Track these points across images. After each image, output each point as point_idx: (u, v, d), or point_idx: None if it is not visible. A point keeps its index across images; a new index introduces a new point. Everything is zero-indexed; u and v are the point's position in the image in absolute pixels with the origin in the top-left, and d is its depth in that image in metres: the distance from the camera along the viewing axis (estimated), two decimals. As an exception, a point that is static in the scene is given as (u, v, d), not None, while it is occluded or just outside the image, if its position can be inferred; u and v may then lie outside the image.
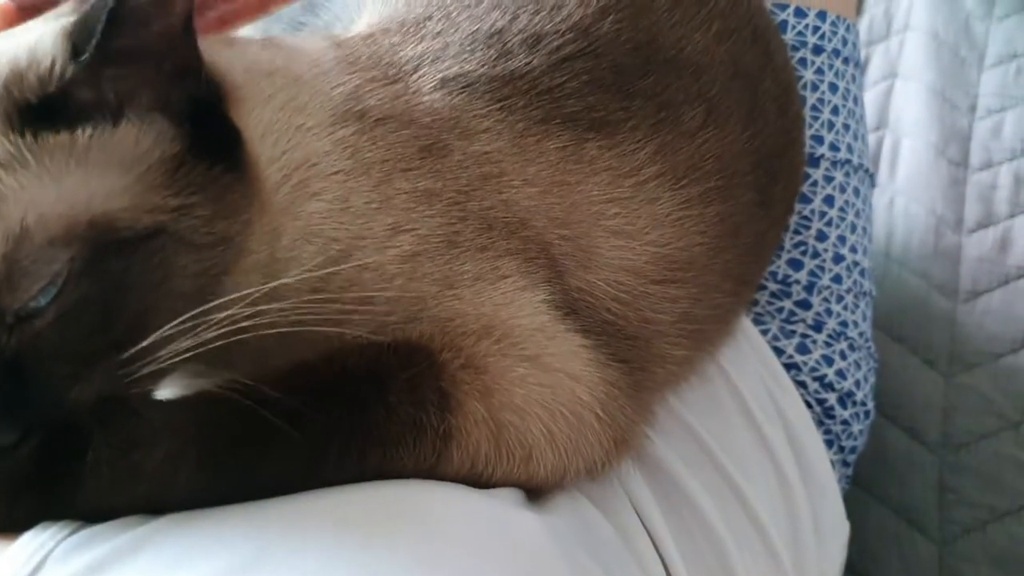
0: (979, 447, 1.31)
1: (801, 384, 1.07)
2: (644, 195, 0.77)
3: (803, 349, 1.08)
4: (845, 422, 1.11)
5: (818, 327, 1.10)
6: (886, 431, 1.35)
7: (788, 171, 0.98)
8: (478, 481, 0.64)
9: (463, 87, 0.73)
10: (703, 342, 0.87)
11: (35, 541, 0.54)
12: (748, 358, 1.00)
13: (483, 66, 0.75)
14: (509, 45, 0.77)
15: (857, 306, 1.13)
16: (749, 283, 0.98)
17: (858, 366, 1.12)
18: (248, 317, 0.59)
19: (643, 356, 0.76)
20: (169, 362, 0.57)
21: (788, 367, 1.07)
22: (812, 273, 1.10)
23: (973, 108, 1.70)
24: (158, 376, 0.58)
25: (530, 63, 0.76)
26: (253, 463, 0.59)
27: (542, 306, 0.69)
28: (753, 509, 0.87)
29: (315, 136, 0.66)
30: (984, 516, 1.25)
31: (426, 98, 0.71)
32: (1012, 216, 1.53)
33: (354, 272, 0.65)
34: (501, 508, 0.62)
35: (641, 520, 0.77)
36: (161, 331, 0.56)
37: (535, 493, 0.68)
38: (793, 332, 1.09)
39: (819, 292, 1.10)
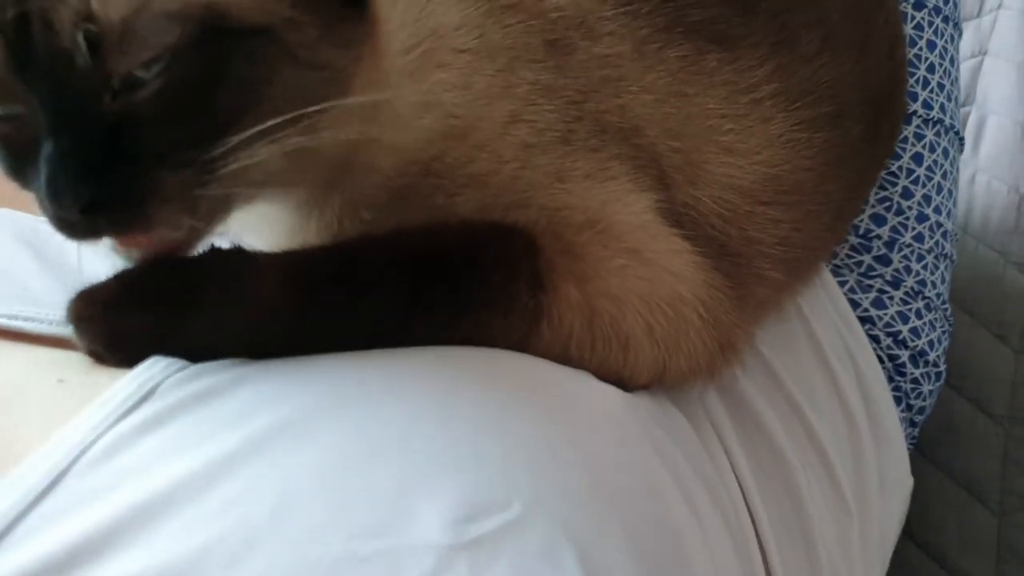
0: (1047, 423, 1.30)
1: (874, 338, 1.07)
2: (758, 113, 0.77)
3: (879, 304, 1.08)
4: (915, 380, 1.11)
5: (896, 284, 1.09)
6: (952, 401, 1.34)
7: (893, 113, 0.98)
8: (571, 364, 0.65)
9: None
10: (796, 272, 0.88)
11: (145, 374, 0.57)
12: (825, 306, 1.00)
13: None
14: None
15: (937, 267, 1.13)
16: (845, 219, 0.98)
17: (933, 327, 1.12)
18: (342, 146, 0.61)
19: (744, 273, 0.76)
20: (256, 161, 0.56)
21: (863, 320, 1.07)
22: (894, 229, 1.09)
23: (1065, 88, 1.67)
24: (240, 180, 0.57)
25: None
26: (348, 309, 0.61)
27: (648, 208, 0.70)
28: (821, 444, 0.88)
29: (445, 9, 0.67)
30: (1047, 491, 1.24)
31: None
32: (1096, 197, 1.51)
33: (470, 150, 0.66)
34: (585, 379, 0.64)
35: (716, 433, 0.78)
36: (252, 129, 0.55)
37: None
38: (870, 287, 1.08)
39: (900, 249, 1.10)
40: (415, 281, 0.62)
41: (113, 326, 0.61)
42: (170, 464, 0.50)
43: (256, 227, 0.70)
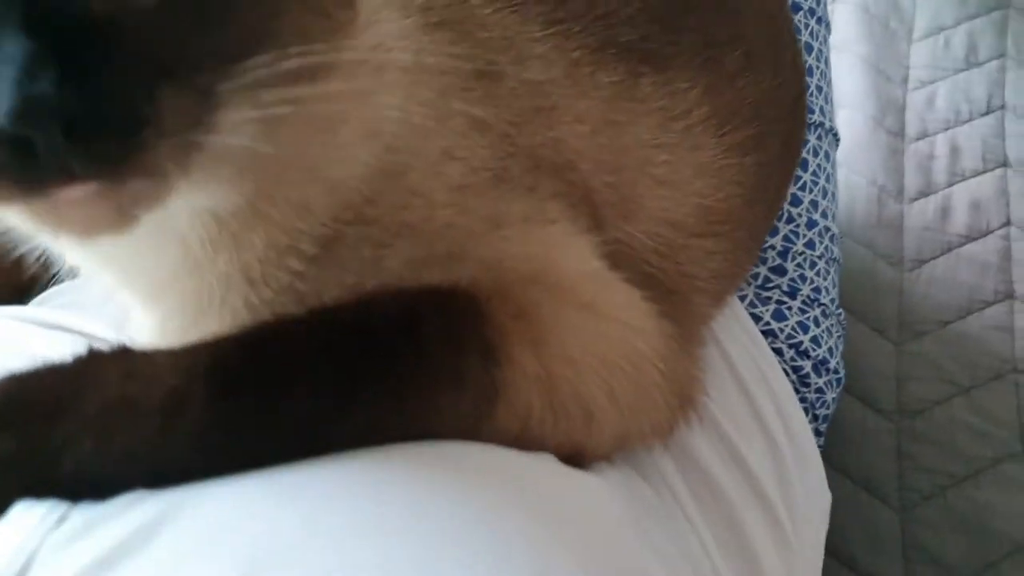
0: (933, 414, 1.31)
1: (778, 352, 1.04)
2: (691, 141, 0.72)
3: (779, 316, 1.05)
4: (820, 390, 1.09)
5: (792, 293, 1.07)
6: (840, 401, 1.34)
7: (801, 125, 0.95)
8: (529, 445, 0.56)
9: (512, 6, 0.65)
10: (722, 303, 0.83)
11: (15, 538, 0.44)
12: (734, 327, 0.96)
13: None
14: None
15: (828, 272, 1.11)
16: (762, 241, 0.94)
17: (830, 333, 1.10)
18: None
19: (684, 313, 0.70)
20: (260, 112, 0.44)
21: (765, 334, 1.04)
22: (786, 238, 1.07)
23: (906, 80, 1.72)
24: (235, 134, 0.44)
25: None
26: (272, 406, 0.49)
27: (592, 252, 0.63)
28: (759, 483, 0.83)
29: (389, 17, 0.57)
30: (943, 482, 1.25)
31: (477, 11, 0.64)
32: (950, 185, 1.55)
33: (404, 193, 0.56)
34: (555, 468, 0.56)
35: (671, 492, 0.72)
36: (262, 57, 0.44)
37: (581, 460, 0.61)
38: (769, 299, 1.06)
39: (793, 258, 1.08)
40: (349, 364, 0.51)
41: None
42: None
43: (153, 313, 0.58)
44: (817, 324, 1.08)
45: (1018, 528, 1.19)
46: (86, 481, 0.46)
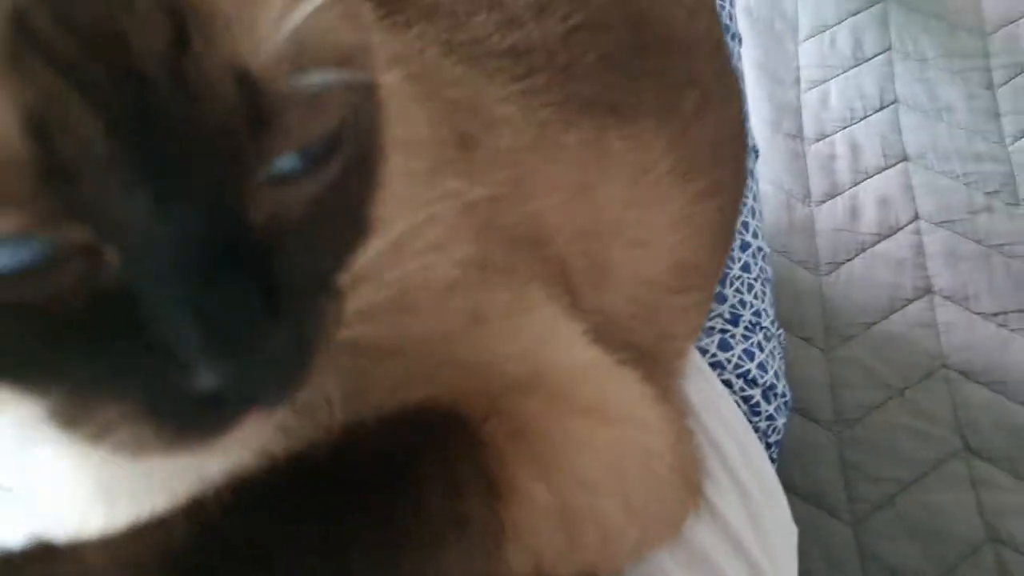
0: (871, 419, 1.30)
1: (727, 383, 1.00)
2: (660, 194, 0.66)
3: (725, 346, 1.01)
4: (770, 417, 1.05)
5: (735, 321, 1.03)
6: (778, 415, 1.32)
7: (746, 153, 0.90)
8: None
9: (472, 58, 0.58)
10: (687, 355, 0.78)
11: None
12: (690, 369, 0.91)
13: (491, 34, 0.61)
14: (514, 10, 0.63)
15: (765, 293, 1.08)
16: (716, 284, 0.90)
17: (774, 356, 1.07)
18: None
19: (666, 379, 0.64)
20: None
21: (712, 366, 1.00)
22: (719, 277, 1.03)
23: (798, 81, 1.72)
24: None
25: (542, 33, 0.63)
26: None
27: (582, 338, 0.56)
28: (736, 533, 0.78)
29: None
30: (891, 489, 1.24)
31: (443, 66, 0.56)
32: (855, 184, 1.55)
33: (392, 302, 0.46)
34: None
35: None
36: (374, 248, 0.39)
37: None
38: (712, 328, 1.01)
39: (731, 283, 1.04)
40: (335, 535, 0.42)
41: None
42: None
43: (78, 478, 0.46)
44: (761, 349, 1.04)
45: (971, 528, 1.18)
46: None
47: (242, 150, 0.32)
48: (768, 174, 1.56)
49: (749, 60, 1.71)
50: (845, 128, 1.62)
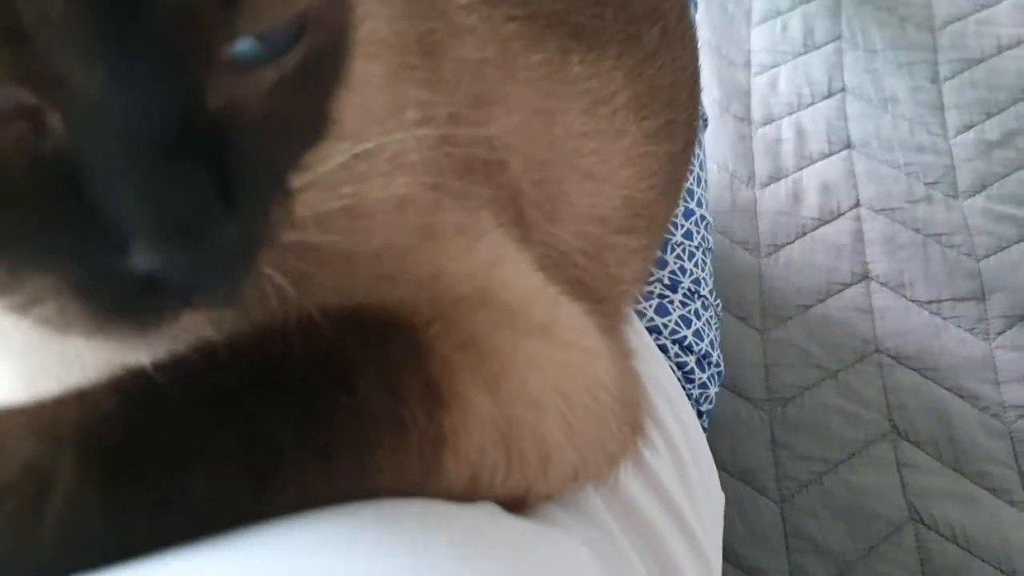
0: (803, 400, 1.30)
1: (662, 348, 0.99)
2: (614, 127, 0.65)
3: (662, 311, 1.00)
4: (703, 385, 1.05)
5: (674, 287, 1.02)
6: (711, 392, 1.31)
7: (697, 108, 0.89)
8: (475, 495, 0.47)
9: None
10: (632, 305, 0.76)
11: None
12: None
13: None
14: None
15: (705, 262, 1.07)
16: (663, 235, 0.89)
17: (710, 325, 1.06)
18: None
19: (615, 321, 0.62)
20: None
21: (649, 331, 0.99)
22: (665, 229, 1.02)
23: (748, 64, 1.72)
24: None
25: None
26: (167, 484, 0.37)
27: (533, 266, 0.54)
28: (669, 493, 0.77)
29: None
30: (818, 468, 1.24)
31: None
32: (799, 169, 1.55)
33: (342, 219, 0.44)
34: (523, 528, 0.47)
35: (598, 518, 0.64)
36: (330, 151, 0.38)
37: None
38: (651, 293, 1.00)
39: (672, 250, 1.03)
40: (263, 423, 0.39)
41: None
42: None
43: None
44: (698, 317, 1.03)
45: (894, 508, 1.19)
46: None
47: (209, 24, 0.30)
48: (714, 155, 1.56)
49: (701, 40, 1.71)
50: (792, 114, 1.62)
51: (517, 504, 0.50)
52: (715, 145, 1.58)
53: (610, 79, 0.66)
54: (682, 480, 0.83)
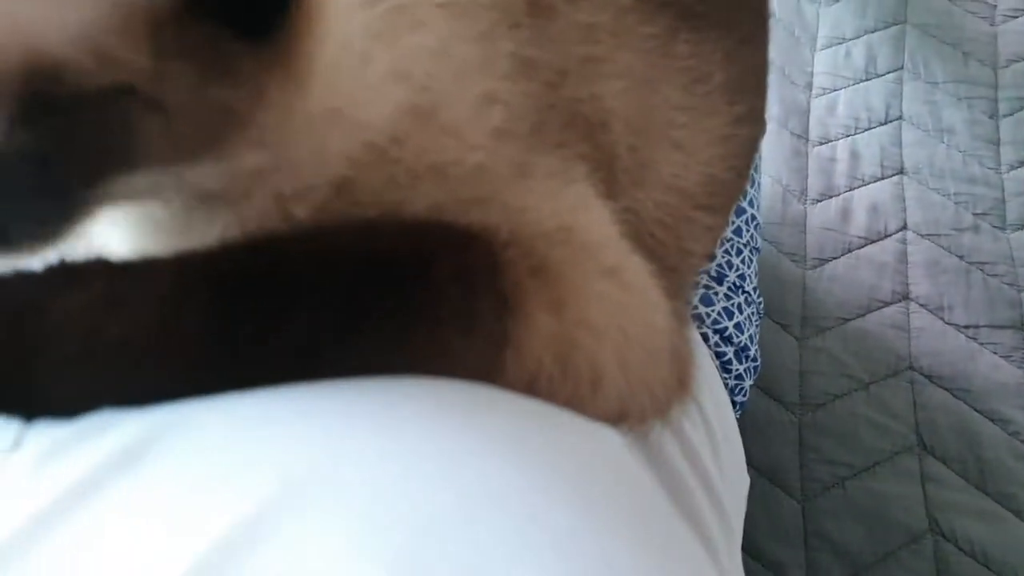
0: (834, 407, 1.34)
1: (703, 337, 1.04)
2: (707, 106, 0.70)
3: (707, 301, 1.05)
4: (739, 376, 1.09)
5: (720, 279, 1.07)
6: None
7: (764, 102, 0.95)
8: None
9: None
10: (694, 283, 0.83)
11: None
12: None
13: None
14: None
15: (752, 260, 1.12)
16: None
17: (751, 321, 1.11)
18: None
19: (679, 290, 0.68)
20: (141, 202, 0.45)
21: (692, 318, 1.04)
22: (731, 214, 1.07)
23: (809, 86, 1.76)
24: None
25: None
26: (272, 319, 0.45)
27: (612, 219, 0.60)
28: (702, 461, 0.82)
29: None
30: (843, 473, 1.28)
31: None
32: (851, 189, 1.59)
33: (435, 133, 0.52)
34: (598, 430, 0.53)
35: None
36: (124, 179, 0.44)
37: None
38: (697, 283, 1.06)
39: (722, 244, 1.08)
40: (356, 286, 0.47)
41: None
42: None
43: (131, 229, 0.52)
44: (740, 311, 1.08)
45: (915, 519, 1.23)
46: (59, 393, 0.42)
47: None
48: (770, 168, 1.61)
49: (766, 59, 1.76)
50: (848, 136, 1.67)
51: None
52: (771, 159, 1.63)
53: (709, 60, 0.71)
54: (714, 453, 0.88)
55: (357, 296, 0.47)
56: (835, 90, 1.75)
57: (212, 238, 0.49)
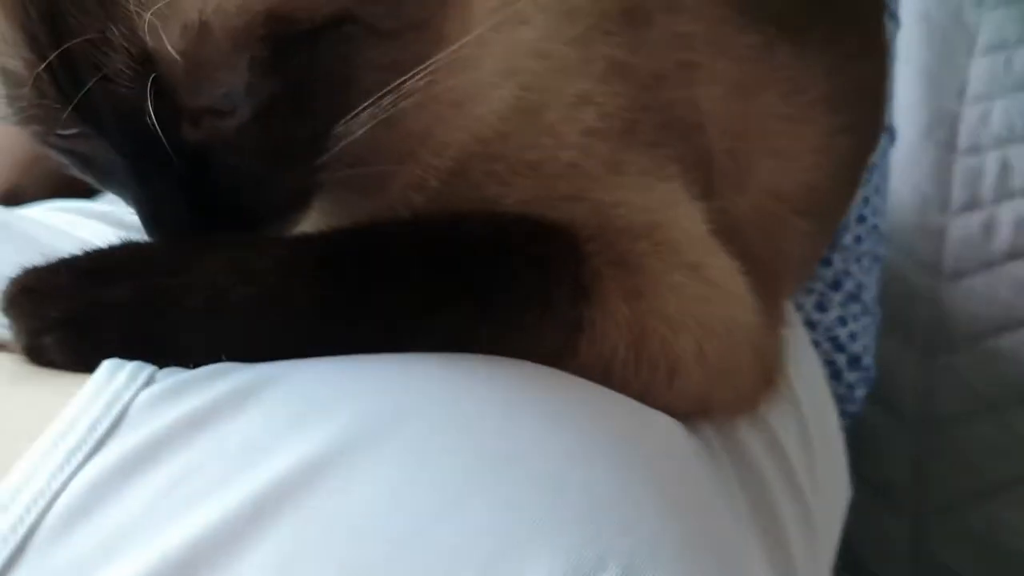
0: (957, 428, 1.30)
1: (815, 343, 1.03)
2: (806, 115, 0.73)
3: (821, 307, 1.04)
4: (850, 386, 1.08)
5: (836, 287, 1.06)
6: (864, 406, 1.32)
7: (883, 113, 0.95)
8: (609, 386, 0.56)
9: None
10: (799, 287, 0.84)
11: (109, 388, 0.44)
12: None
13: None
14: None
15: (872, 269, 1.10)
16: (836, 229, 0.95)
17: (867, 331, 1.09)
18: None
19: (772, 291, 0.69)
20: (357, 137, 0.50)
21: (805, 324, 1.03)
22: (836, 232, 1.05)
23: (962, 93, 1.69)
24: (343, 161, 0.52)
25: None
26: (368, 290, 0.51)
27: (703, 217, 0.63)
28: (789, 459, 0.82)
29: None
30: (960, 497, 1.24)
31: None
32: (997, 202, 1.52)
33: (535, 131, 0.57)
34: (647, 412, 0.55)
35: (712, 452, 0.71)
36: (352, 114, 0.50)
37: None
38: (812, 290, 1.04)
39: (840, 251, 1.06)
40: (444, 272, 0.53)
41: (83, 297, 0.49)
42: (177, 522, 0.38)
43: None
44: (856, 319, 1.06)
45: (1033, 551, 1.18)
46: (186, 343, 0.48)
47: (170, 104, 0.46)
48: (910, 176, 1.55)
49: (914, 64, 1.70)
50: (1000, 148, 1.59)
51: None
52: (913, 167, 1.57)
53: (809, 72, 0.73)
54: (807, 457, 0.87)
55: (440, 275, 0.53)
56: (990, 99, 1.66)
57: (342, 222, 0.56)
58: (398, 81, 0.49)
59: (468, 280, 0.53)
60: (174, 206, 0.49)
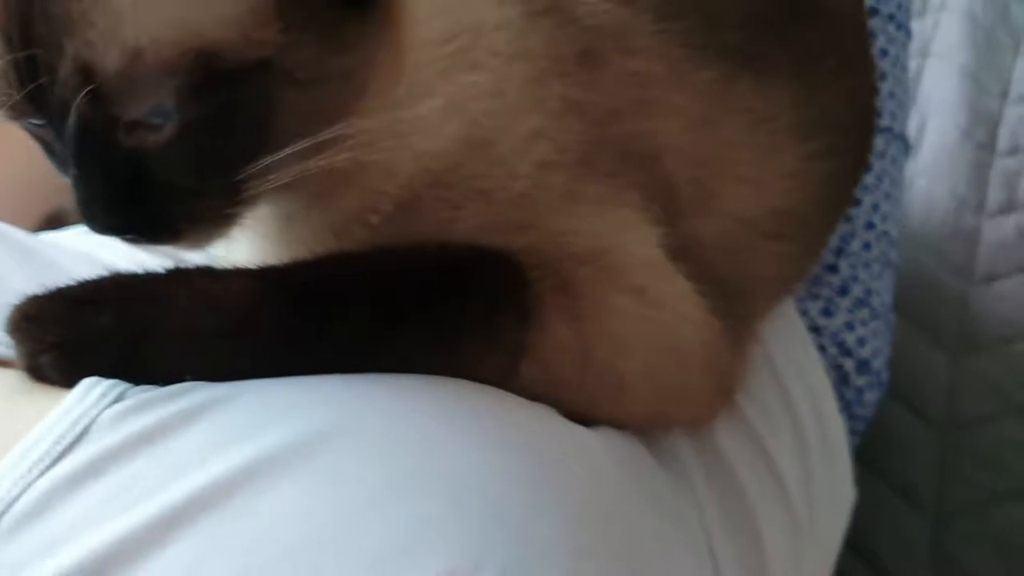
0: (983, 429, 1.31)
1: (821, 348, 1.06)
2: (774, 143, 0.74)
3: (827, 313, 1.07)
4: (859, 390, 1.10)
5: (843, 292, 1.08)
6: (887, 406, 1.34)
7: (871, 129, 0.97)
8: (560, 405, 0.61)
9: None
10: (780, 301, 0.87)
11: (80, 405, 0.51)
12: (777, 320, 0.98)
13: None
14: None
15: (882, 275, 1.12)
16: (826, 245, 0.97)
17: (877, 336, 1.11)
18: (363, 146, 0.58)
19: (741, 312, 0.73)
20: (277, 183, 0.56)
21: (810, 330, 1.06)
22: (842, 238, 1.08)
23: (1005, 93, 1.68)
24: (265, 196, 0.57)
25: None
26: (324, 324, 0.57)
27: (656, 242, 0.66)
28: (778, 470, 0.85)
29: (484, 6, 0.63)
30: (983, 496, 1.25)
31: (590, 1, 0.67)
32: (1034, 205, 1.52)
33: (486, 164, 0.61)
34: (560, 423, 0.60)
35: (685, 472, 0.76)
36: (272, 157, 0.54)
37: None
38: (818, 295, 1.07)
39: (847, 257, 1.08)
40: (396, 301, 0.58)
41: (73, 323, 0.56)
42: (104, 527, 0.45)
43: (239, 239, 0.65)
44: (864, 325, 1.08)
45: (1053, 552, 1.18)
46: (159, 366, 0.55)
47: (103, 116, 0.52)
48: (944, 179, 1.56)
49: (957, 65, 1.70)
50: (1041, 149, 1.59)
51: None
52: (949, 170, 1.57)
53: (774, 103, 0.75)
54: (801, 464, 0.90)
55: (396, 311, 0.58)
56: (1034, 99, 1.66)
57: (303, 250, 0.61)
58: (314, 137, 0.55)
59: (422, 309, 0.58)
60: (105, 203, 0.54)
